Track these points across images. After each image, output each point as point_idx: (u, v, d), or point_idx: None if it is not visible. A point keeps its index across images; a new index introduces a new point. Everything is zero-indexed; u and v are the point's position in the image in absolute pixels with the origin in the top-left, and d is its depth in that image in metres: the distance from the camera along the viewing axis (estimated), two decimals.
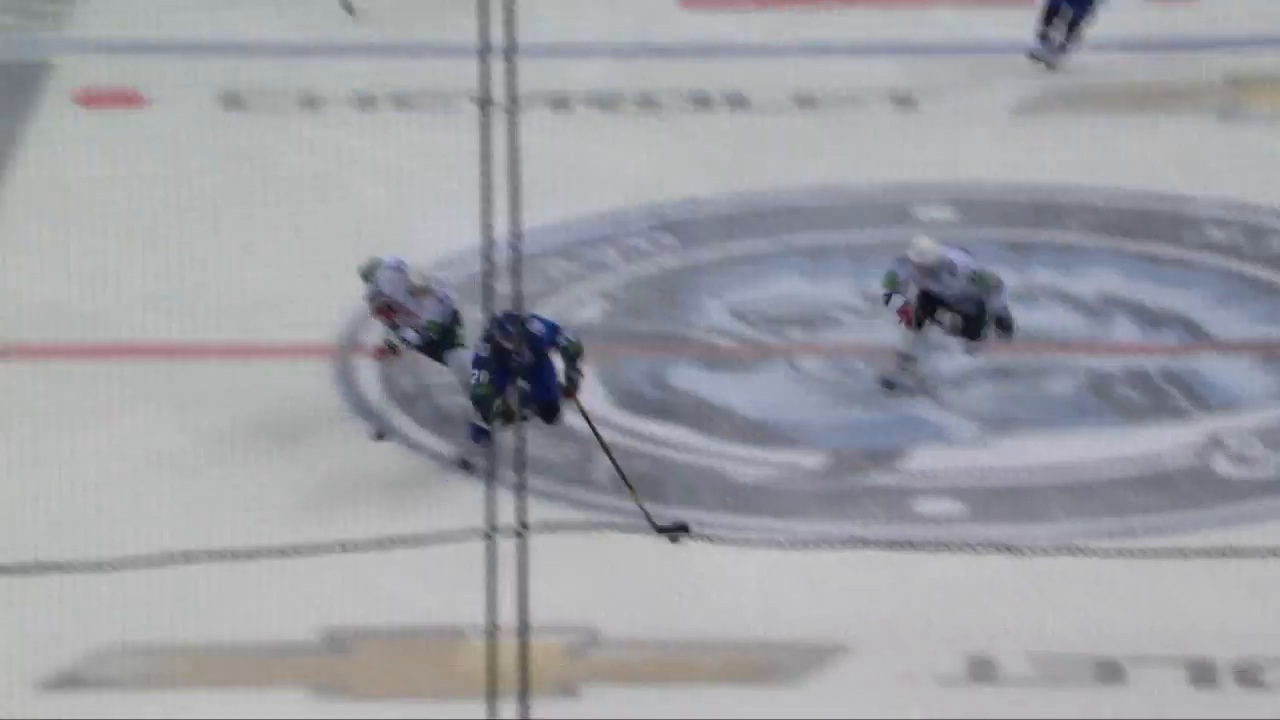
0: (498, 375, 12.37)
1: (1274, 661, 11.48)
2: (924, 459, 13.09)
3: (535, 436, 12.83)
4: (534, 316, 12.56)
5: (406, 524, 12.31)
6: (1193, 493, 12.81)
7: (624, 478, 11.58)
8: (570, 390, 12.50)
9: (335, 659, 11.61)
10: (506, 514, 9.77)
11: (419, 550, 12.06)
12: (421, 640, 11.66)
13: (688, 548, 12.30)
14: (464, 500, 12.52)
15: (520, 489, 9.55)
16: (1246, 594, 11.88)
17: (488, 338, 12.33)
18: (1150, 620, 11.75)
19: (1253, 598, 11.85)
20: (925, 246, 13.20)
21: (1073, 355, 13.84)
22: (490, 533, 9.80)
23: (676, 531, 12.10)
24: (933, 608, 11.83)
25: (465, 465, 12.80)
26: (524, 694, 9.50)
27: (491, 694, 9.48)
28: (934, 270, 13.15)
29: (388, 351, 13.16)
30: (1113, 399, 13.64)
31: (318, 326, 14.08)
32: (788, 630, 11.67)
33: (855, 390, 13.62)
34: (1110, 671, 11.45)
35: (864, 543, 12.27)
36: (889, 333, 13.67)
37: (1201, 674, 11.43)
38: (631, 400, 13.64)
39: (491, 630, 9.64)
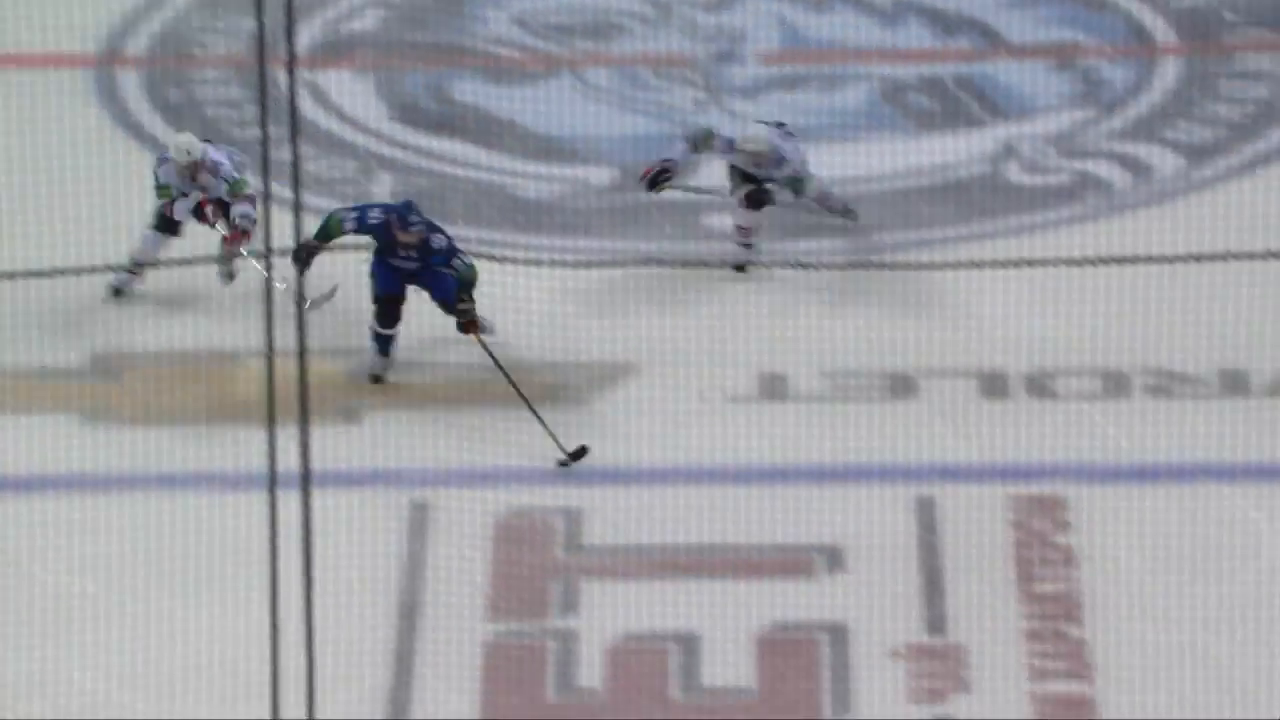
0: (384, 271, 11.39)
1: (1064, 370, 11.52)
2: (714, 174, 12.85)
3: (311, 153, 12.48)
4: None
5: (177, 245, 11.91)
6: (986, 202, 12.76)
7: (528, 402, 11.13)
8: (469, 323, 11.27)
9: (104, 384, 11.36)
10: (284, 235, 9.41)
11: (190, 271, 11.73)
12: (196, 365, 11.38)
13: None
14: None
15: (297, 208, 9.18)
16: (1039, 304, 11.91)
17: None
18: (941, 332, 11.77)
19: (1044, 307, 11.89)
20: (760, 135, 12.21)
21: (865, 63, 13.64)
22: (266, 253, 9.46)
23: (578, 456, 11.24)
24: (724, 325, 11.76)
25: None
26: (304, 419, 9.24)
27: (271, 419, 9.21)
28: (761, 159, 12.26)
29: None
30: (905, 107, 13.49)
31: (74, 33, 13.58)
32: (576, 350, 11.55)
33: (643, 102, 13.36)
34: (902, 385, 11.46)
35: (653, 260, 12.11)
36: (678, 41, 13.38)
37: (993, 385, 11.48)
38: (411, 114, 13.40)
39: (269, 354, 9.35)
